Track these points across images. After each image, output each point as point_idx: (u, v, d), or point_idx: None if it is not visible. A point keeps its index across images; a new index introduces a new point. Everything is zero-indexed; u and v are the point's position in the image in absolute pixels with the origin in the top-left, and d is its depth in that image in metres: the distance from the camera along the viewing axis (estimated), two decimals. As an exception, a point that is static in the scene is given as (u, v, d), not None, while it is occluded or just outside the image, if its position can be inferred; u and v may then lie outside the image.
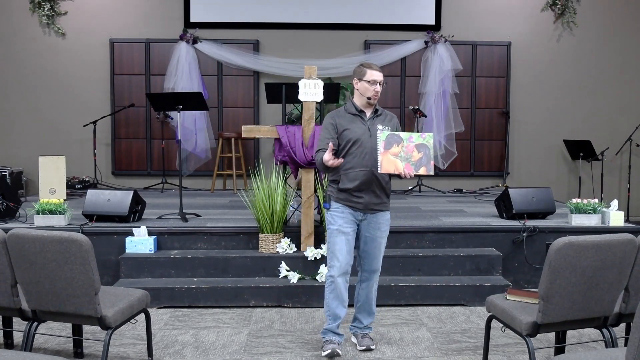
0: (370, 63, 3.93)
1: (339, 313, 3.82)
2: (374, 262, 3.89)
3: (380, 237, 3.86)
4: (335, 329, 3.83)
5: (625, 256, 3.13)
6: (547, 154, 8.76)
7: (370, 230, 3.82)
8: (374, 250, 3.86)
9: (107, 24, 8.47)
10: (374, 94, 3.87)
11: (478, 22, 8.64)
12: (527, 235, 5.30)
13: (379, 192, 3.78)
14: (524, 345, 3.73)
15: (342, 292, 3.80)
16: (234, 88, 8.58)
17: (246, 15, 8.54)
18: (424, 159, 3.66)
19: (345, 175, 3.75)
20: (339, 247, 3.76)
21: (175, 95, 6.43)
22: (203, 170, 8.38)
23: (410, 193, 8.03)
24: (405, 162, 3.64)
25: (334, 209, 3.80)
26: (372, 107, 3.92)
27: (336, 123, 3.81)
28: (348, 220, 3.77)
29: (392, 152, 3.63)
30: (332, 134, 3.79)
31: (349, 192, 3.75)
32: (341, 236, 3.76)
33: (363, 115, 3.87)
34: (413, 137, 3.67)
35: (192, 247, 5.24)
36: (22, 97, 8.51)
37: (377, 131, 3.72)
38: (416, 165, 3.65)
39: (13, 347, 3.91)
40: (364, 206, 3.76)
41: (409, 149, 3.65)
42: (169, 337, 4.17)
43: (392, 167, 3.63)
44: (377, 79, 3.87)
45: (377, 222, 3.82)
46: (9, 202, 5.56)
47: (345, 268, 3.78)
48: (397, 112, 8.58)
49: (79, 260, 3.11)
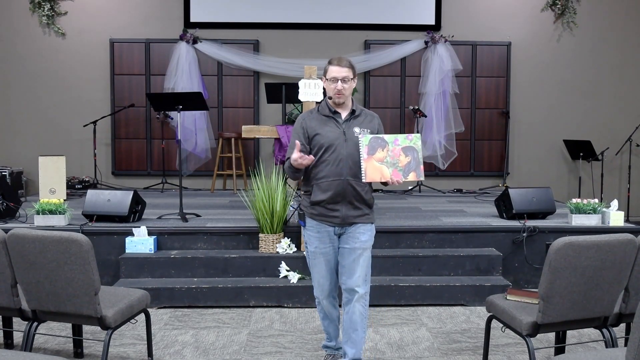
0: (339, 58, 3.38)
1: (332, 332, 3.65)
2: (351, 279, 3.36)
3: (360, 250, 3.37)
4: (332, 344, 3.69)
5: (625, 256, 3.13)
6: (547, 154, 8.76)
7: (348, 241, 3.38)
8: (351, 264, 3.36)
9: (107, 24, 8.47)
10: (336, 93, 3.34)
11: (478, 22, 8.64)
12: (527, 235, 5.30)
13: (357, 203, 3.36)
14: (524, 345, 3.73)
15: (330, 312, 3.57)
16: (234, 88, 8.58)
17: (246, 15, 8.54)
18: (412, 164, 3.26)
19: (317, 186, 3.35)
20: (318, 270, 3.45)
21: (175, 95, 6.43)
22: (203, 170, 8.38)
23: (410, 193, 8.03)
24: (392, 168, 3.25)
25: (309, 228, 3.43)
26: (348, 107, 3.43)
27: (306, 127, 3.39)
28: (325, 240, 3.40)
29: (377, 158, 3.24)
30: (301, 138, 3.36)
31: (323, 205, 3.35)
32: (319, 258, 3.43)
33: (338, 116, 3.40)
34: (399, 140, 3.27)
35: (192, 247, 5.24)
36: (22, 97, 8.50)
37: (353, 134, 3.33)
38: (404, 171, 3.26)
39: (13, 347, 3.91)
40: (341, 220, 3.36)
41: (396, 153, 3.25)
42: (169, 337, 4.17)
43: (377, 175, 3.24)
44: (336, 75, 3.32)
45: (357, 232, 3.38)
46: (9, 202, 5.56)
47: (328, 291, 3.50)
48: (397, 112, 8.59)
49: (79, 260, 3.11)
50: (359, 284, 3.36)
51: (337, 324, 3.63)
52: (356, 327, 3.39)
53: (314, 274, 3.49)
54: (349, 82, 3.36)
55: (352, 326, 3.40)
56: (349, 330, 3.41)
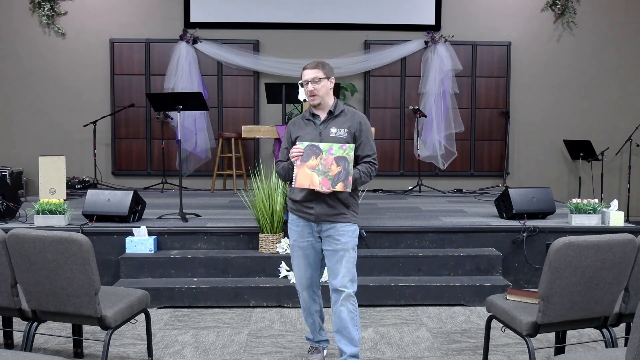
0: (311, 62, 3.50)
1: (309, 325, 3.72)
2: (336, 280, 3.42)
3: (341, 251, 3.43)
4: (314, 336, 3.75)
5: (625, 256, 3.13)
6: (547, 154, 8.76)
7: (329, 242, 3.46)
8: (335, 265, 3.43)
9: (107, 24, 8.47)
10: (310, 95, 3.44)
11: (478, 22, 8.64)
12: (527, 235, 5.30)
13: (331, 202, 3.42)
14: (524, 345, 3.73)
15: (309, 306, 3.63)
16: (234, 88, 8.58)
17: (246, 15, 8.54)
18: (342, 174, 3.35)
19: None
20: (297, 263, 3.57)
21: (175, 95, 6.43)
22: (203, 170, 8.38)
23: (410, 193, 8.03)
24: (323, 176, 3.35)
25: (290, 221, 3.57)
26: (326, 109, 3.51)
27: (290, 131, 3.58)
28: (303, 233, 3.50)
29: (309, 165, 3.36)
30: (287, 143, 3.56)
31: (300, 203, 3.49)
32: (298, 251, 3.54)
33: (317, 119, 3.51)
34: (333, 149, 3.36)
35: (192, 247, 5.24)
36: (22, 97, 8.51)
37: (329, 135, 3.43)
38: (333, 181, 3.35)
39: (13, 347, 3.91)
40: (315, 217, 3.44)
41: (328, 162, 3.35)
42: (169, 337, 4.17)
43: (307, 182, 3.36)
44: (306, 78, 3.43)
45: (336, 232, 3.43)
46: (9, 202, 5.56)
47: (305, 283, 3.58)
48: (397, 112, 8.59)
49: (79, 260, 3.11)
50: (344, 284, 3.42)
51: (316, 318, 3.69)
52: (346, 325, 3.43)
53: (294, 266, 3.62)
54: (321, 82, 3.43)
55: (342, 325, 3.44)
56: (340, 329, 3.45)
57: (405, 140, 8.62)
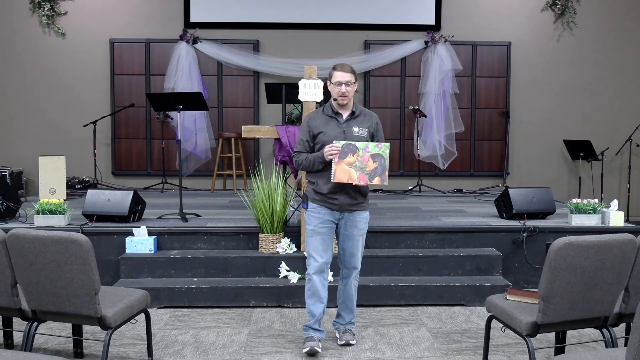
0: (341, 64, 3.87)
1: (315, 310, 3.88)
2: (352, 260, 3.95)
3: (358, 235, 3.90)
4: (314, 325, 3.90)
5: (625, 256, 3.13)
6: (547, 154, 8.76)
7: (347, 228, 3.88)
8: (351, 248, 3.91)
9: (107, 24, 8.47)
10: (341, 95, 3.80)
11: (478, 22, 8.64)
12: (527, 235, 5.30)
13: (353, 194, 3.83)
14: (524, 345, 3.73)
15: (318, 290, 3.86)
16: (234, 88, 8.58)
17: (246, 15, 8.54)
18: (378, 169, 3.72)
19: (320, 178, 3.83)
20: (314, 247, 3.85)
21: (175, 95, 6.43)
22: (203, 170, 8.38)
23: (410, 193, 8.03)
24: (360, 171, 3.70)
25: (310, 209, 3.89)
26: (349, 109, 3.89)
27: (312, 125, 3.87)
28: (324, 220, 3.84)
29: (347, 162, 3.70)
30: (308, 137, 3.87)
31: (324, 195, 3.82)
32: (316, 236, 3.84)
33: (339, 117, 3.86)
34: (369, 147, 3.72)
35: (192, 247, 5.24)
36: (22, 97, 8.51)
37: (352, 133, 3.79)
38: (370, 175, 3.72)
39: (13, 347, 3.91)
40: (339, 207, 3.83)
41: (365, 159, 3.71)
42: (169, 337, 4.17)
43: (345, 177, 3.70)
44: (341, 80, 3.79)
45: (354, 220, 3.87)
46: (9, 202, 5.56)
47: (321, 267, 3.85)
48: (397, 112, 8.59)
49: (79, 260, 3.11)
50: (358, 264, 4.00)
51: (323, 303, 3.90)
52: (352, 297, 4.04)
53: (310, 249, 3.88)
54: (352, 86, 3.83)
55: (349, 297, 4.03)
56: (346, 300, 4.03)
57: (405, 140, 8.62)
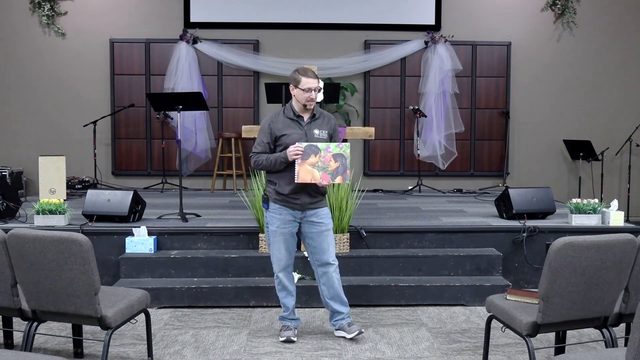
0: (305, 69, 3.97)
1: (288, 303, 4.09)
2: (325, 255, 4.01)
3: (326, 230, 4.01)
4: (290, 315, 4.11)
5: (625, 256, 3.13)
6: (547, 154, 8.76)
7: (314, 226, 3.99)
8: (322, 243, 4.00)
9: (107, 24, 8.47)
10: (309, 101, 3.92)
11: (478, 22, 8.64)
12: (527, 235, 5.30)
13: (313, 193, 3.96)
14: (524, 345, 3.73)
15: (287, 285, 4.07)
16: (234, 88, 8.58)
17: (246, 15, 8.54)
18: (340, 169, 3.85)
19: (282, 179, 3.92)
20: (278, 247, 3.99)
21: (175, 95, 6.43)
22: (203, 170, 8.38)
23: (410, 193, 8.03)
24: (322, 171, 3.82)
25: (272, 210, 3.98)
26: (310, 112, 4.00)
27: (273, 128, 3.95)
28: (286, 220, 3.95)
29: (310, 162, 3.81)
30: (268, 137, 3.95)
31: (286, 195, 3.92)
32: (279, 237, 3.97)
33: (301, 120, 3.97)
34: (330, 147, 3.84)
35: (192, 247, 5.24)
36: (22, 97, 8.51)
37: (313, 135, 3.91)
38: (332, 175, 3.84)
39: (13, 347, 3.91)
40: (300, 206, 3.94)
41: (326, 159, 3.82)
42: (169, 337, 4.17)
43: (308, 177, 3.82)
44: (311, 86, 3.90)
45: (319, 217, 3.99)
46: (9, 202, 5.56)
47: (284, 265, 4.02)
48: (397, 112, 8.59)
49: (79, 260, 3.11)
50: (333, 258, 4.04)
51: (293, 295, 4.12)
52: (338, 291, 4.06)
53: (274, 250, 4.02)
54: (318, 92, 4.03)
55: (336, 292, 4.05)
56: (334, 296, 4.05)
57: (405, 140, 8.61)
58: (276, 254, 4.01)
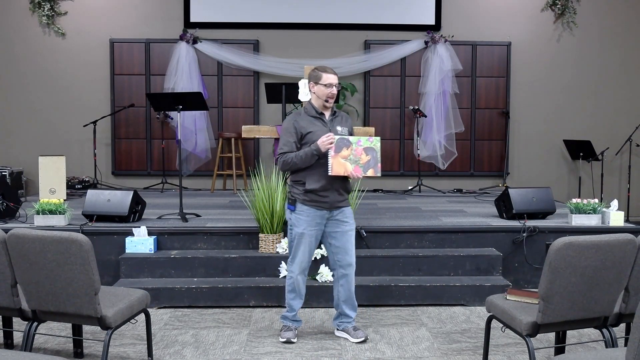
0: (325, 67, 4.01)
1: (296, 305, 4.10)
2: (348, 256, 4.03)
3: (350, 230, 4.03)
4: (294, 317, 4.13)
5: (625, 256, 3.13)
6: (547, 154, 8.76)
7: (339, 225, 4.00)
8: (346, 244, 4.01)
9: (107, 24, 8.47)
10: (331, 97, 3.95)
11: (478, 22, 8.64)
12: (527, 235, 5.30)
13: (341, 191, 3.98)
14: (524, 345, 3.73)
15: (300, 288, 4.08)
16: (234, 88, 8.58)
17: (246, 15, 8.54)
18: (371, 162, 3.88)
19: (310, 177, 3.90)
20: (302, 249, 3.98)
21: (175, 95, 6.43)
22: (203, 170, 8.38)
23: (410, 193, 8.03)
24: (354, 164, 3.84)
25: (299, 212, 3.96)
26: (330, 109, 4.04)
27: (298, 126, 3.94)
28: (313, 222, 3.95)
29: (342, 155, 3.82)
30: (295, 138, 3.93)
31: (315, 193, 3.90)
32: (306, 239, 3.96)
33: (323, 117, 4.00)
34: (361, 141, 3.87)
35: (192, 247, 5.24)
36: (22, 97, 8.51)
37: (337, 132, 3.92)
38: (364, 168, 3.87)
39: (13, 347, 3.91)
40: (329, 205, 3.94)
41: (358, 152, 3.85)
42: (169, 337, 4.17)
43: (341, 170, 3.82)
44: (332, 82, 3.94)
45: (344, 216, 4.01)
46: (9, 202, 5.56)
47: (305, 267, 4.05)
48: (397, 112, 8.59)
49: (79, 260, 3.11)
50: (353, 260, 4.07)
51: (302, 299, 4.13)
52: (352, 295, 4.09)
53: (297, 252, 3.99)
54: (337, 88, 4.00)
55: (350, 295, 4.08)
56: (347, 299, 4.07)
57: (405, 140, 8.61)
58: (299, 256, 3.99)
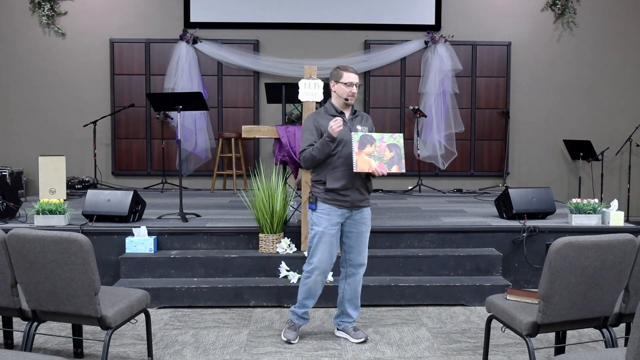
0: (346, 66, 4.01)
1: (308, 304, 4.07)
2: (360, 257, 4.03)
3: (366, 232, 4.03)
4: (304, 315, 4.10)
5: (625, 256, 3.13)
6: (547, 154, 8.76)
7: (356, 226, 3.98)
8: (360, 245, 4.01)
9: (107, 24, 8.47)
10: (351, 95, 3.94)
11: (478, 22, 8.64)
12: (527, 235, 5.30)
13: (362, 190, 3.96)
14: (524, 345, 3.73)
15: (317, 289, 4.03)
16: (234, 88, 8.58)
17: (246, 15, 8.54)
18: (395, 158, 3.86)
19: (330, 175, 3.89)
20: (323, 249, 3.92)
21: (175, 95, 6.43)
22: (203, 170, 8.38)
23: (410, 193, 8.03)
24: (378, 161, 3.83)
25: (320, 210, 3.93)
26: (350, 108, 4.04)
27: (318, 125, 3.92)
28: (334, 221, 3.91)
29: (366, 152, 3.80)
30: (316, 136, 3.90)
31: (336, 192, 3.88)
32: (326, 238, 3.91)
33: (343, 116, 3.98)
34: (384, 138, 3.85)
35: (192, 247, 5.24)
36: (22, 97, 8.51)
37: (357, 131, 3.89)
38: (388, 164, 3.86)
39: (13, 347, 3.91)
40: (350, 204, 3.92)
41: (382, 149, 3.83)
42: (169, 337, 4.17)
43: (366, 166, 3.80)
44: (353, 81, 3.93)
45: (363, 217, 3.99)
46: (9, 202, 5.56)
47: (326, 268, 3.98)
48: (397, 112, 8.59)
49: (79, 260, 3.11)
50: (365, 260, 4.06)
51: (316, 299, 4.07)
52: (358, 295, 4.10)
53: (318, 251, 3.93)
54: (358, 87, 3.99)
55: (355, 295, 4.09)
56: (352, 298, 4.08)
57: (405, 140, 8.57)
58: (319, 255, 3.93)
